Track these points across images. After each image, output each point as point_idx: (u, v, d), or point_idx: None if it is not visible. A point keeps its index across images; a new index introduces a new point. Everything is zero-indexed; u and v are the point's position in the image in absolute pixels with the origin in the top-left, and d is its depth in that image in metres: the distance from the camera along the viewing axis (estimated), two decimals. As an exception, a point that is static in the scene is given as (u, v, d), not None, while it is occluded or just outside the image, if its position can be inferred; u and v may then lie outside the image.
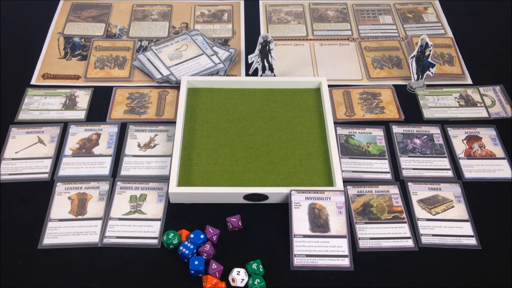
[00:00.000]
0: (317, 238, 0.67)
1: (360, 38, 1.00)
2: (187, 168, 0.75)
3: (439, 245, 0.68)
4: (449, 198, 0.73)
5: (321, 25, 1.02)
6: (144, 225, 0.70)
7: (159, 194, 0.73)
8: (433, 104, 0.87)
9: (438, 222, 0.71)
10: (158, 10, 1.05)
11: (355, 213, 0.71)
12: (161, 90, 0.88)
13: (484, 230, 0.70)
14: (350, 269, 0.65)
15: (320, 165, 0.76)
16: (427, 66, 0.86)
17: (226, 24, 1.02)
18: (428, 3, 1.08)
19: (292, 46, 0.98)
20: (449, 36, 1.00)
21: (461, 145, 0.81)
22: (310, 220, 0.68)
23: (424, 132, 0.82)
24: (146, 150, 0.79)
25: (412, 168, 0.77)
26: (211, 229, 0.67)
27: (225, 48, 0.94)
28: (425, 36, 0.84)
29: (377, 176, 0.76)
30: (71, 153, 0.78)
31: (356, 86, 0.90)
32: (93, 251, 0.67)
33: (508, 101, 0.87)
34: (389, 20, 1.04)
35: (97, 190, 0.73)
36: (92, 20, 1.02)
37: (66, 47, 0.96)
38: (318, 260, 0.65)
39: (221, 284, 0.62)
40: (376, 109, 0.86)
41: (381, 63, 0.94)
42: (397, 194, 0.73)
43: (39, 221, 0.70)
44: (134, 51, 0.95)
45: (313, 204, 0.70)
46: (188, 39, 0.95)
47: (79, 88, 0.88)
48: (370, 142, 0.80)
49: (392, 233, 0.69)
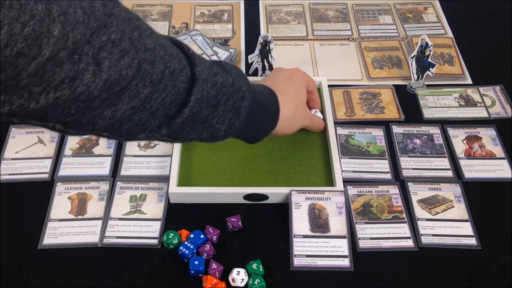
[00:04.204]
0: (317, 239, 0.67)
1: (360, 38, 1.00)
2: (187, 168, 0.75)
3: (439, 245, 0.68)
4: (449, 198, 0.73)
5: (321, 25, 1.03)
6: (144, 225, 0.70)
7: (159, 194, 0.73)
8: (433, 104, 0.87)
9: (438, 222, 0.71)
10: (158, 10, 1.05)
11: (355, 213, 0.71)
12: (161, 90, 0.88)
13: (484, 230, 0.70)
14: (350, 269, 0.65)
15: (320, 165, 0.76)
16: (427, 66, 0.86)
17: (226, 24, 1.02)
18: (428, 3, 1.08)
19: (292, 46, 0.98)
20: (449, 36, 1.00)
21: (461, 145, 0.81)
22: (310, 221, 0.68)
23: (424, 132, 0.82)
24: (146, 150, 0.79)
25: (412, 168, 0.77)
26: (211, 229, 0.67)
27: (225, 48, 0.94)
28: (425, 36, 0.84)
29: (377, 176, 0.76)
30: (71, 153, 0.78)
31: (356, 86, 0.90)
32: (93, 251, 0.67)
33: (508, 101, 0.87)
34: (389, 20, 1.04)
35: (97, 190, 0.73)
36: (92, 20, 1.02)
37: (66, 47, 0.96)
38: (318, 260, 0.65)
39: (221, 284, 0.62)
40: (376, 109, 0.86)
41: (381, 63, 0.94)
42: (397, 194, 0.73)
43: (39, 221, 0.70)
44: (134, 51, 0.95)
45: (313, 204, 0.70)
46: (188, 39, 0.95)
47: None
48: (370, 142, 0.80)
49: (392, 233, 0.69)
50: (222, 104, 0.55)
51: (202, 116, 0.53)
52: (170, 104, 0.49)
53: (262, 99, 0.63)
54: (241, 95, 0.57)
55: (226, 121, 0.56)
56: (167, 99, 0.49)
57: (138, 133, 0.50)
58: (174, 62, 0.48)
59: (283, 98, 0.67)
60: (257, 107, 0.61)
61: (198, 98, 0.51)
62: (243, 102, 0.57)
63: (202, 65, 0.52)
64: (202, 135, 0.56)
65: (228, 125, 0.57)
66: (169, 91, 0.48)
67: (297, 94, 0.71)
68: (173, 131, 0.53)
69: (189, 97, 0.51)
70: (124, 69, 0.43)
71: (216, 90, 0.54)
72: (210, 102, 0.53)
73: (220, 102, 0.54)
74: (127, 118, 0.47)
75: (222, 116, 0.56)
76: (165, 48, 0.48)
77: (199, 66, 0.52)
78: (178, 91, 0.49)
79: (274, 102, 0.65)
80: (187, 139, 0.56)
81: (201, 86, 0.51)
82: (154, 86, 0.46)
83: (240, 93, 0.57)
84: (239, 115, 0.57)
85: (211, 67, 0.54)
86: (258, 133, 0.65)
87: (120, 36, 0.42)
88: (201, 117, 0.54)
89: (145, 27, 0.47)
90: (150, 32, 0.47)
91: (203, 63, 0.53)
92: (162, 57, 0.47)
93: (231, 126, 0.57)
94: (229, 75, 0.57)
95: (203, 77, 0.52)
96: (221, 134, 0.57)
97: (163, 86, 0.47)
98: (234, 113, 0.56)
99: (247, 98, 0.57)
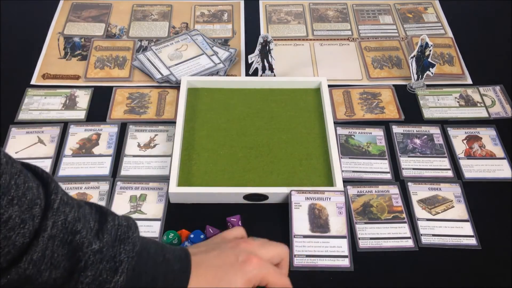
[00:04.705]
0: (317, 239, 0.67)
1: (360, 38, 1.00)
2: (187, 168, 0.75)
3: (439, 245, 0.68)
4: (449, 198, 0.73)
5: (321, 25, 1.03)
6: (144, 225, 0.69)
7: (159, 194, 0.73)
8: (433, 104, 0.87)
9: (438, 222, 0.71)
10: (158, 10, 1.05)
11: (355, 213, 0.71)
12: (161, 90, 0.88)
13: (484, 230, 0.70)
14: (350, 269, 0.65)
15: (320, 165, 0.76)
16: (427, 66, 0.86)
17: (226, 24, 1.02)
18: (428, 3, 1.08)
19: (292, 46, 0.98)
20: (449, 36, 1.00)
21: (461, 145, 0.81)
22: (310, 221, 0.69)
23: (424, 132, 0.82)
24: (146, 150, 0.79)
25: (412, 168, 0.77)
26: (211, 229, 0.67)
27: (225, 48, 0.94)
28: (425, 36, 0.84)
29: (377, 176, 0.76)
30: (71, 153, 0.78)
31: (356, 86, 0.90)
32: (93, 251, 0.67)
33: (508, 101, 0.87)
34: (389, 20, 1.04)
35: (97, 190, 0.73)
36: (92, 20, 1.02)
37: (66, 47, 0.96)
38: (318, 260, 0.65)
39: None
40: (376, 109, 0.86)
41: (381, 63, 0.94)
42: (397, 194, 0.73)
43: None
44: (134, 51, 0.95)
45: (313, 204, 0.70)
46: (188, 39, 0.95)
47: (79, 88, 0.88)
48: (370, 142, 0.80)
49: (392, 233, 0.69)
50: (77, 272, 0.43)
51: (46, 279, 0.42)
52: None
53: (159, 273, 0.48)
54: (112, 265, 0.44)
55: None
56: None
57: None
58: (13, 209, 0.39)
59: (195, 286, 0.50)
60: (144, 282, 0.47)
61: (34, 259, 0.41)
62: (114, 276, 0.44)
63: (57, 217, 0.42)
64: None
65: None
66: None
67: None
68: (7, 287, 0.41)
69: (22, 257, 0.40)
70: None
71: (68, 250, 0.43)
72: (58, 264, 0.42)
73: (75, 269, 0.43)
74: None
75: (80, 286, 0.43)
76: (6, 190, 0.39)
77: (50, 219, 0.41)
78: (11, 245, 0.40)
79: (178, 280, 0.49)
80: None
81: (43, 245, 0.41)
82: None
83: (112, 263, 0.44)
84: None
85: (75, 221, 0.43)
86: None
87: None
88: (44, 281, 0.42)
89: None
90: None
91: (60, 215, 0.42)
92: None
93: None
94: (100, 239, 0.45)
95: (51, 234, 0.41)
96: None
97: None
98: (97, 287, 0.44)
99: (121, 271, 0.44)
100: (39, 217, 0.41)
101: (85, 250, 0.43)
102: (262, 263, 0.52)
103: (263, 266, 0.52)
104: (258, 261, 0.52)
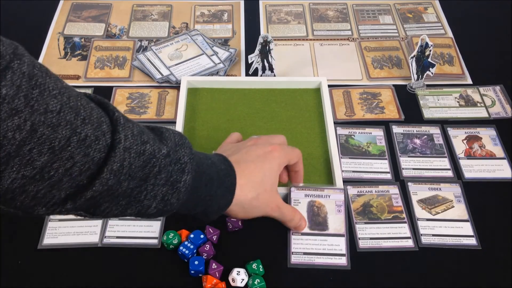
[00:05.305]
0: (315, 236, 0.67)
1: (360, 38, 1.00)
2: (187, 168, 0.75)
3: (439, 245, 0.68)
4: (449, 198, 0.73)
5: (321, 25, 1.03)
6: (144, 225, 0.69)
7: (159, 194, 0.73)
8: (433, 104, 0.87)
9: (438, 222, 0.71)
10: (158, 10, 1.05)
11: (355, 213, 0.71)
12: (161, 90, 0.88)
13: (484, 230, 0.70)
14: (347, 268, 0.65)
15: (320, 165, 0.76)
16: (427, 66, 0.86)
17: (226, 24, 1.02)
18: (428, 3, 1.08)
19: (292, 46, 0.98)
20: (449, 36, 1.00)
21: (461, 145, 0.81)
22: (309, 218, 0.69)
23: (424, 132, 0.82)
24: (146, 150, 0.79)
25: (412, 168, 0.77)
26: (211, 229, 0.67)
27: (225, 48, 0.94)
28: (425, 36, 0.84)
29: (377, 176, 0.76)
30: (71, 153, 0.78)
31: (356, 86, 0.90)
32: (93, 251, 0.67)
33: (508, 101, 0.87)
34: (389, 20, 1.04)
35: (97, 190, 0.73)
36: (92, 20, 1.02)
37: (66, 47, 0.96)
38: (316, 258, 0.65)
39: (221, 284, 0.62)
40: (376, 109, 0.86)
41: (381, 63, 0.94)
42: (397, 194, 0.73)
43: (39, 221, 0.70)
44: (134, 51, 0.95)
45: (312, 201, 0.70)
46: (188, 39, 0.95)
47: (79, 88, 0.87)
48: (370, 142, 0.80)
49: (392, 233, 0.69)
50: (152, 177, 0.48)
51: (124, 190, 0.46)
52: (79, 175, 0.43)
53: (213, 172, 0.55)
54: (179, 167, 0.50)
55: (159, 197, 0.49)
56: (74, 169, 0.42)
57: (36, 206, 0.43)
58: (87, 127, 0.42)
59: (244, 180, 0.58)
60: (204, 181, 0.54)
61: (114, 169, 0.44)
62: (183, 176, 0.50)
63: (127, 131, 0.45)
64: (126, 212, 0.49)
65: (161, 202, 0.50)
66: (77, 160, 0.42)
67: (264, 179, 0.61)
68: (85, 205, 0.45)
69: (102, 168, 0.44)
70: (11, 131, 0.37)
71: (143, 161, 0.47)
72: (134, 174, 0.46)
73: (149, 175, 0.47)
74: (19, 188, 0.40)
75: (153, 191, 0.48)
76: (77, 111, 0.42)
77: (121, 133, 0.45)
78: (90, 161, 0.43)
79: (229, 176, 0.57)
80: (109, 215, 0.48)
81: (120, 156, 0.44)
82: (55, 153, 0.40)
83: (178, 165, 0.50)
84: (177, 191, 0.50)
85: (141, 133, 0.47)
86: (209, 211, 0.57)
87: (14, 92, 0.38)
88: (123, 191, 0.46)
89: (52, 86, 0.41)
90: (59, 92, 0.41)
91: (128, 129, 0.46)
92: (70, 121, 0.41)
93: (166, 202, 0.50)
94: (165, 144, 0.50)
95: (125, 146, 0.45)
96: (152, 212, 0.50)
97: (68, 154, 0.41)
98: (170, 188, 0.49)
99: (187, 171, 0.50)
100: (109, 132, 0.44)
101: (157, 156, 0.48)
102: (284, 149, 0.64)
103: (286, 150, 0.64)
104: (280, 148, 0.63)
